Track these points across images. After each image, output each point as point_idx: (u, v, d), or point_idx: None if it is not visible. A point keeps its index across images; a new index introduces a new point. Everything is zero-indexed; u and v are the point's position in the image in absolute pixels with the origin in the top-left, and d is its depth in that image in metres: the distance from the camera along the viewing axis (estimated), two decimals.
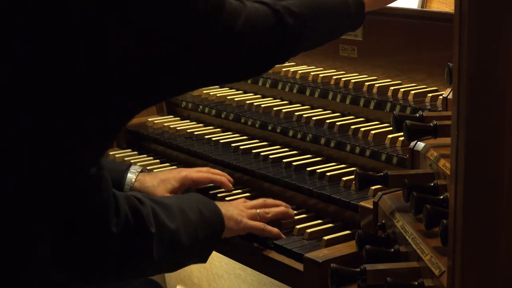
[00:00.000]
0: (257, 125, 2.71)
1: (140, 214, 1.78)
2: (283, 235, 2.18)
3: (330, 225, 2.23)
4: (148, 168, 2.63)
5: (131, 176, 2.38)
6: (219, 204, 2.13)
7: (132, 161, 2.75)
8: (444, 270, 1.47)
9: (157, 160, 2.82)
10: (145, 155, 2.88)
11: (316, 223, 2.24)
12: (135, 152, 2.91)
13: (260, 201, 2.26)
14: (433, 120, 1.82)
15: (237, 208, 2.17)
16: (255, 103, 2.81)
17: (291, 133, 2.60)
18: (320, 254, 2.01)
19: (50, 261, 1.65)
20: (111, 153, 2.86)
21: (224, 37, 1.67)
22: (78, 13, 1.45)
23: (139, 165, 2.48)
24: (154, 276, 2.32)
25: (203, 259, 2.07)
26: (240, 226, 2.13)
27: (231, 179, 2.48)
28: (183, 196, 2.14)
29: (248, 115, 2.76)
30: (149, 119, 3.02)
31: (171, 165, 2.75)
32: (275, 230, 2.17)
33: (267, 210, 2.22)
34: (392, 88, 2.56)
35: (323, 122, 2.58)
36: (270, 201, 2.27)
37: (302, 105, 2.77)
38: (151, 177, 2.39)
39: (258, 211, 2.21)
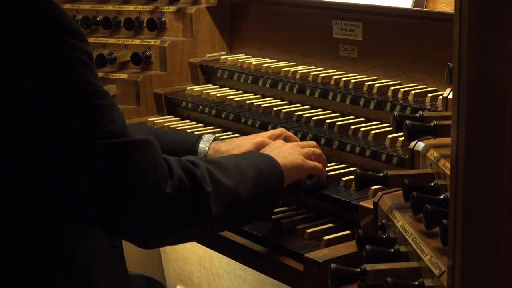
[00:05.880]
0: (257, 125, 2.71)
1: (194, 174, 1.85)
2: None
3: (330, 225, 2.22)
4: None
5: (203, 145, 2.37)
6: (275, 151, 2.20)
7: None
8: (444, 270, 1.47)
9: None
10: None
11: (316, 223, 2.24)
12: None
13: (311, 142, 2.37)
14: (433, 120, 1.82)
15: (294, 152, 2.22)
16: (255, 103, 2.81)
17: None
18: (320, 254, 2.00)
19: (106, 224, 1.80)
20: None
21: None
22: None
23: (211, 134, 2.45)
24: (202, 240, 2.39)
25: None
26: (303, 171, 2.21)
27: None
28: (241, 155, 2.17)
29: (248, 115, 2.76)
30: (149, 119, 3.02)
31: None
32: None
33: (316, 150, 2.30)
34: (392, 88, 2.56)
35: (323, 122, 2.58)
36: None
37: (302, 105, 2.77)
38: (226, 143, 2.40)
39: (312, 148, 2.29)
